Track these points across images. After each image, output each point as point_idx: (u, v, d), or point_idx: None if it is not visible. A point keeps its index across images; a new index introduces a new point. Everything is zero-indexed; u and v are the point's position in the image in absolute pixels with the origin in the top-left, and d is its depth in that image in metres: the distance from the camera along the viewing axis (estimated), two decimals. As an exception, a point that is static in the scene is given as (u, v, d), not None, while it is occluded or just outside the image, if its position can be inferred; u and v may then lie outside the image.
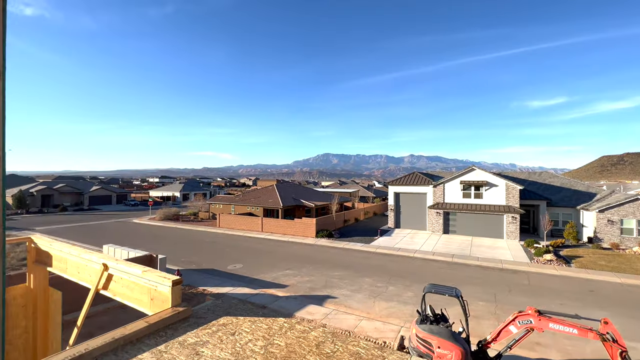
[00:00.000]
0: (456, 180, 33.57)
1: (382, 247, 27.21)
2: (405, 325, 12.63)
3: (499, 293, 16.57)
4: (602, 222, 27.46)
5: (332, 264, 22.18)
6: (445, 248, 26.67)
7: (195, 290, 16.48)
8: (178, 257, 23.67)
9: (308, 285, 17.59)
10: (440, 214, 33.39)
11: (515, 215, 29.74)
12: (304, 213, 41.99)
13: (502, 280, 18.81)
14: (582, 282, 18.53)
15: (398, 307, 14.50)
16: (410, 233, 33.81)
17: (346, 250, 26.53)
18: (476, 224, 31.83)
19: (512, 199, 30.73)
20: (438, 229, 33.43)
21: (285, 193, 43.29)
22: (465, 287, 17.22)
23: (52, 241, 5.60)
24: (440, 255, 24.25)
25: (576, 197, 32.74)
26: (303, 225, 32.57)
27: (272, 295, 15.87)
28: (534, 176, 38.62)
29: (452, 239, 30.70)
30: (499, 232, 30.63)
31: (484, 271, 20.61)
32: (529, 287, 17.64)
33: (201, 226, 38.70)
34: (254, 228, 35.57)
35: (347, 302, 15.20)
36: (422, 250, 26.04)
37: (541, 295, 16.41)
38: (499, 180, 31.53)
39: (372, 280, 18.50)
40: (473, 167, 33.47)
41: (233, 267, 21.13)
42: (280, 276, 19.20)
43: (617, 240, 26.69)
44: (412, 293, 16.30)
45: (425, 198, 35.79)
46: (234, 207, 43.86)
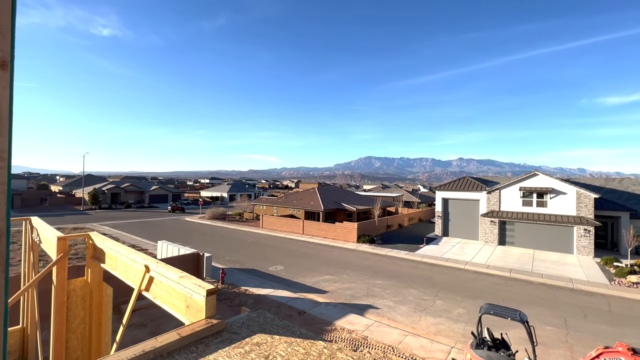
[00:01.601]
0: (515, 187, 30.36)
1: (428, 256, 25.51)
2: (457, 346, 11.40)
3: (571, 318, 14.32)
4: None
5: (374, 271, 21.26)
6: (502, 261, 24.11)
7: (238, 289, 16.83)
8: (223, 256, 24.61)
9: (348, 292, 16.98)
10: (495, 223, 30.43)
11: (589, 227, 25.88)
12: (345, 217, 41.35)
13: (574, 302, 16.30)
14: (682, 313, 15.29)
15: (447, 325, 13.22)
16: (460, 242, 31.32)
17: (389, 258, 25.34)
18: (539, 235, 28.38)
19: (584, 208, 26.83)
20: (492, 239, 30.47)
21: (327, 196, 43.10)
22: (528, 307, 15.23)
23: (105, 239, 5.78)
24: (495, 269, 21.94)
25: (669, 208, 27.53)
26: (344, 229, 31.98)
27: (311, 301, 15.56)
28: (613, 183, 33.44)
29: (509, 251, 27.73)
30: (568, 247, 26.90)
31: (550, 290, 18.09)
32: (609, 313, 15.01)
33: (245, 226, 40.11)
34: (295, 230, 35.87)
35: (390, 314, 14.28)
36: (474, 262, 23.84)
37: (627, 324, 13.82)
38: (568, 187, 27.78)
39: (417, 292, 17.27)
40: (536, 172, 29.99)
41: (274, 269, 21.32)
42: (320, 281, 18.85)
43: None
44: (464, 310, 14.80)
45: (477, 205, 32.95)
46: (276, 208, 44.82)
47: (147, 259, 4.75)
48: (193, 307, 3.66)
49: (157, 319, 12.90)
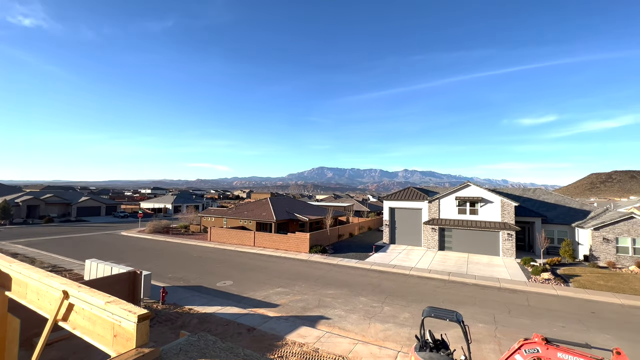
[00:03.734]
0: (451, 196, 33.38)
1: (377, 263, 26.52)
2: (403, 350, 11.93)
3: (499, 314, 15.98)
4: (597, 241, 27.30)
5: (326, 281, 21.40)
6: (442, 265, 26.10)
7: (181, 309, 15.56)
8: (165, 273, 22.65)
9: (300, 304, 16.79)
10: (436, 230, 32.97)
11: (511, 232, 29.47)
12: (297, 227, 41.18)
13: (501, 300, 18.25)
14: (582, 303, 18.06)
15: (395, 330, 13.79)
16: (405, 249, 33.21)
17: (340, 267, 25.76)
18: (472, 240, 31.44)
19: (507, 215, 30.53)
20: (433, 245, 32.91)
21: (279, 206, 42.59)
22: (464, 307, 16.62)
23: (13, 262, 4.94)
24: (436, 273, 23.64)
25: (571, 214, 32.71)
26: (296, 240, 31.79)
27: (262, 316, 15.03)
28: (529, 193, 38.69)
29: (448, 255, 30.18)
30: (495, 249, 30.23)
31: (482, 290, 20.04)
32: (528, 308, 17.10)
33: (192, 240, 37.57)
34: (246, 242, 34.62)
35: (341, 323, 14.44)
36: (418, 267, 25.42)
37: (542, 316, 15.86)
38: (494, 196, 31.41)
39: (367, 299, 17.78)
40: (468, 183, 33.38)
41: (222, 284, 20.21)
42: (272, 294, 18.36)
43: (613, 258, 26.47)
44: (409, 314, 15.61)
45: (420, 213, 35.42)
46: (226, 220, 42.90)
47: (67, 283, 4.15)
48: (122, 335, 3.27)
49: (81, 350, 11.27)
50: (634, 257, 25.91)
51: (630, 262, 25.68)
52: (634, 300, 18.19)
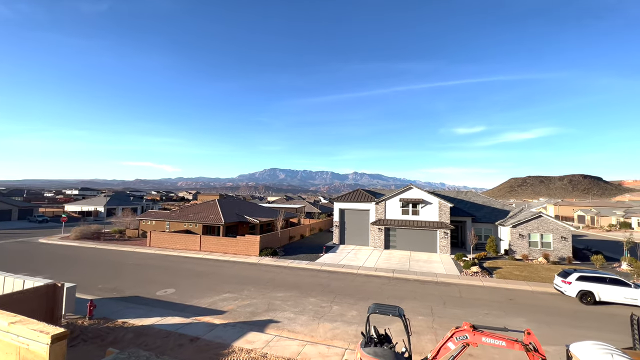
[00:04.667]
0: (396, 198, 35.54)
1: (327, 264, 27.03)
2: (350, 347, 12.34)
3: (436, 306, 17.44)
4: (515, 236, 31.41)
5: (276, 284, 21.17)
6: (387, 263, 27.60)
7: (113, 324, 14.04)
8: (94, 284, 20.23)
9: (249, 309, 16.35)
10: (382, 230, 34.78)
11: (447, 230, 32.41)
12: (247, 230, 40.07)
13: (438, 293, 19.94)
14: (502, 292, 20.60)
15: (343, 328, 14.20)
16: (354, 249, 34.41)
17: (291, 269, 25.70)
18: (414, 239, 33.84)
19: (444, 215, 33.51)
20: (380, 244, 34.66)
21: (228, 208, 40.98)
22: (406, 302, 17.78)
23: None
24: (382, 271, 24.93)
25: (494, 214, 37.13)
26: (246, 243, 30.89)
27: (207, 324, 14.28)
28: (462, 195, 42.95)
29: (393, 254, 32.03)
30: (434, 247, 32.95)
31: (422, 285, 21.67)
32: (460, 299, 18.96)
33: (128, 245, 34.15)
34: (191, 247, 32.59)
35: (291, 325, 14.41)
36: (365, 266, 26.52)
37: (471, 306, 17.71)
38: (433, 198, 34.25)
39: (316, 300, 18.01)
40: (411, 186, 35.88)
41: (163, 293, 18.74)
42: (218, 301, 17.57)
43: (526, 252, 30.70)
44: (356, 312, 16.21)
45: (368, 214, 37.04)
46: (169, 223, 39.90)
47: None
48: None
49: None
50: (541, 250, 30.36)
51: (539, 254, 30.04)
52: (541, 287, 21.30)
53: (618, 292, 18.07)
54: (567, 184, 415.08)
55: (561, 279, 19.61)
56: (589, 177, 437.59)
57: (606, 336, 13.54)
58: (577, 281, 18.80)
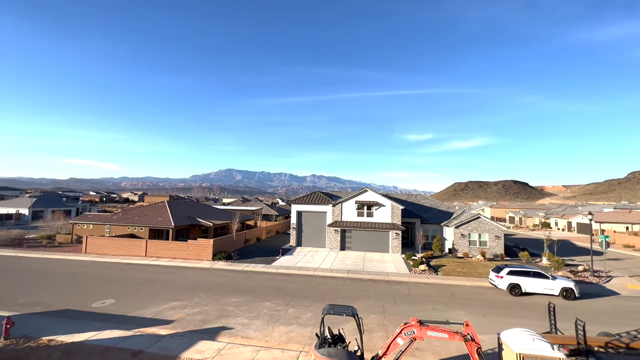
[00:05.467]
0: (352, 200, 36.60)
1: (283, 266, 26.83)
2: (305, 350, 12.39)
3: (387, 304, 18.29)
4: (457, 236, 34.26)
5: (230, 289, 20.45)
6: (342, 264, 28.25)
7: (37, 342, 12.37)
8: (13, 298, 17.64)
9: (199, 317, 15.56)
10: (338, 231, 35.54)
11: (398, 231, 34.22)
12: (200, 233, 38.10)
13: (389, 291, 20.93)
14: (446, 288, 22.32)
15: (298, 331, 14.21)
16: (311, 251, 34.63)
17: (246, 273, 25.03)
18: (368, 240, 35.13)
19: (396, 217, 35.34)
20: (336, 246, 35.36)
21: (179, 210, 38.59)
22: (360, 301, 18.37)
23: None
24: (337, 272, 25.45)
25: (440, 215, 40.12)
26: (198, 247, 29.36)
27: (152, 336, 13.28)
28: (412, 198, 45.70)
29: (348, 255, 32.89)
30: (386, 247, 34.54)
31: (375, 284, 22.57)
32: (409, 296, 20.12)
33: (59, 253, 30.34)
34: (135, 253, 30.02)
35: (244, 331, 14.03)
36: (321, 267, 26.85)
37: (419, 302, 18.89)
38: (386, 200, 35.94)
39: (272, 304, 17.78)
40: (366, 189, 37.24)
41: (100, 305, 17.01)
42: (165, 310, 16.45)
43: (467, 250, 33.65)
44: (312, 314, 16.33)
45: (325, 216, 37.59)
46: (109, 227, 36.33)
47: None
48: None
49: None
50: (479, 248, 33.54)
51: (477, 252, 33.14)
52: (478, 282, 23.51)
53: (539, 283, 20.66)
54: (501, 188, 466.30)
55: (494, 274, 21.85)
56: (518, 182, 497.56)
57: (531, 323, 15.41)
58: (507, 275, 21.10)
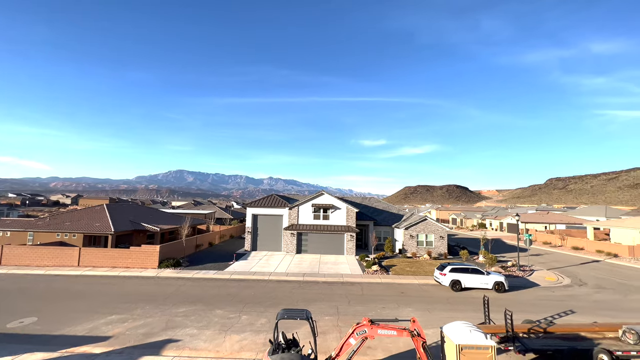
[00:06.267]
0: (309, 204, 36.83)
1: (237, 272, 25.96)
2: (257, 357, 12.12)
3: (341, 305, 18.67)
4: (407, 237, 36.34)
5: (178, 298, 19.19)
6: (298, 268, 28.22)
7: None
8: None
9: (142, 331, 14.34)
10: (295, 234, 35.46)
11: (353, 233, 35.23)
12: (145, 239, 35.24)
13: (343, 293, 21.41)
14: (396, 286, 23.50)
15: (251, 338, 13.83)
16: (266, 255, 34.02)
17: (196, 280, 23.71)
18: (324, 242, 35.59)
19: (350, 220, 36.36)
20: (292, 249, 35.22)
21: (121, 215, 35.28)
22: (314, 304, 18.50)
23: None
24: (293, 276, 25.35)
25: (392, 217, 42.23)
26: (142, 254, 27.08)
27: (84, 355, 11.91)
28: (366, 201, 47.43)
29: (304, 258, 32.96)
30: (341, 249, 35.32)
31: (329, 286, 22.92)
32: (362, 296, 20.79)
33: (-38, 266, 25.73)
34: (66, 262, 26.69)
35: (193, 343, 13.26)
36: (277, 272, 26.51)
37: (371, 302, 19.61)
38: (342, 204, 36.82)
39: (223, 312, 17.07)
40: (322, 192, 37.77)
41: (18, 324, 14.79)
42: (102, 325, 14.87)
43: (415, 250, 35.85)
44: (266, 319, 16.03)
45: (281, 220, 37.26)
46: (32, 234, 31.83)
47: None
48: None
49: None
50: (426, 248, 35.96)
51: (424, 252, 35.49)
52: (425, 280, 25.17)
53: (476, 279, 22.78)
54: (445, 192, 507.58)
55: (439, 272, 23.59)
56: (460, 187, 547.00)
57: (470, 315, 16.90)
58: (449, 273, 22.92)
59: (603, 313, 18.46)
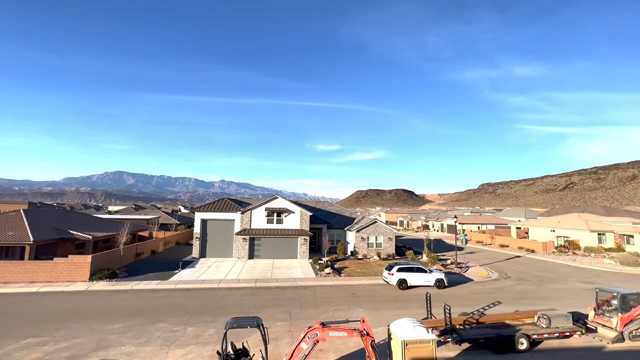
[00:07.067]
0: (262, 207, 36.13)
1: (183, 281, 24.36)
2: (204, 370, 11.46)
3: (293, 310, 18.59)
4: (358, 239, 37.61)
5: (113, 314, 17.34)
6: (250, 274, 27.44)
7: None
8: None
9: (66, 354, 12.65)
10: (247, 239, 34.46)
11: (307, 237, 35.39)
12: (74, 249, 31.21)
13: (296, 297, 21.35)
14: (348, 288, 24.14)
15: (197, 351, 13.05)
16: (216, 262, 32.48)
17: (136, 292, 21.69)
18: (277, 247, 35.16)
19: (304, 223, 36.49)
20: (244, 255, 34.15)
21: (42, 221, 30.78)
22: (266, 310, 18.15)
23: None
24: (245, 282, 24.58)
25: (344, 221, 43.37)
26: (69, 265, 23.96)
27: (-11, 388, 10.12)
28: (320, 204, 48.05)
29: (257, 263, 32.18)
30: (295, 253, 35.22)
31: (282, 291, 22.68)
32: (315, 299, 20.95)
33: None
34: (-35, 280, 22.42)
35: (130, 361, 12.09)
36: (227, 279, 25.47)
37: (324, 304, 19.84)
38: (296, 207, 36.79)
39: (167, 325, 15.85)
40: (276, 196, 37.36)
41: None
42: (14, 351, 12.78)
43: (366, 252, 37.24)
44: (214, 330, 15.27)
45: (233, 224, 35.94)
46: None
47: None
48: None
49: None
50: (376, 249, 37.59)
51: (374, 253, 37.05)
52: (375, 280, 26.27)
53: (420, 277, 24.44)
54: (394, 196, 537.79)
55: (387, 272, 24.81)
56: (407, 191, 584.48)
57: (415, 311, 18.02)
58: (397, 272, 24.24)
59: (523, 302, 21.11)
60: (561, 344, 14.53)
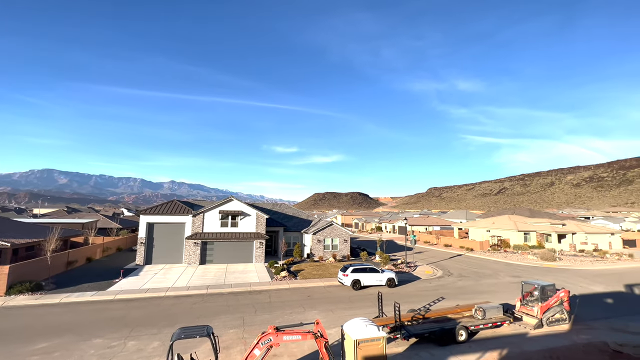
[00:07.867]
0: (215, 210, 34.64)
1: (125, 291, 22.29)
2: (147, 387, 10.61)
3: (247, 316, 18.08)
4: (314, 242, 37.92)
5: (35, 332, 15.22)
6: (201, 280, 26.08)
7: None
8: None
9: (-26, 381, 10.81)
10: (198, 244, 32.74)
11: (263, 240, 34.72)
12: (-16, 259, 26.71)
13: (250, 302, 20.80)
14: (303, 291, 24.17)
15: (139, 366, 12.03)
16: (163, 268, 30.29)
17: (66, 306, 19.30)
18: (232, 251, 33.93)
19: (260, 226, 35.78)
20: (195, 260, 32.37)
21: (-58, 228, 25.92)
22: (218, 318, 17.40)
23: None
24: (195, 289, 23.29)
25: (301, 223, 43.43)
26: (-21, 279, 20.49)
27: None
28: (277, 207, 47.52)
29: (209, 269, 30.70)
30: (250, 257, 34.31)
31: (236, 297, 21.94)
32: (270, 304, 20.61)
33: None
34: None
35: (57, 385, 10.71)
36: (175, 286, 23.90)
37: (279, 308, 19.61)
38: (252, 210, 35.94)
39: (104, 340, 14.37)
40: (231, 198, 36.11)
41: None
42: None
43: (322, 254, 37.69)
44: (159, 342, 14.22)
45: (183, 228, 33.87)
46: None
47: None
48: None
49: None
50: (332, 251, 38.24)
51: (330, 255, 37.66)
52: (330, 282, 26.69)
53: (373, 277, 25.40)
54: (350, 199, 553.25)
55: (342, 273, 25.37)
56: (362, 194, 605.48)
57: (367, 311, 18.66)
58: (351, 273, 24.90)
59: (463, 297, 23.09)
60: (493, 333, 16.17)
